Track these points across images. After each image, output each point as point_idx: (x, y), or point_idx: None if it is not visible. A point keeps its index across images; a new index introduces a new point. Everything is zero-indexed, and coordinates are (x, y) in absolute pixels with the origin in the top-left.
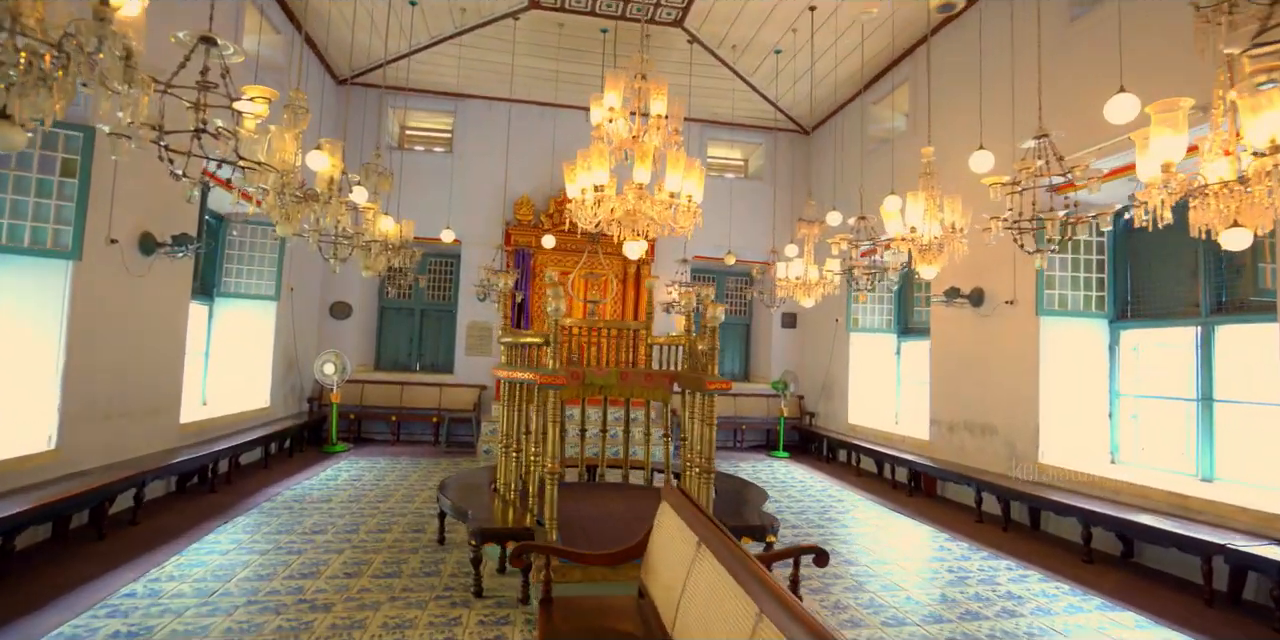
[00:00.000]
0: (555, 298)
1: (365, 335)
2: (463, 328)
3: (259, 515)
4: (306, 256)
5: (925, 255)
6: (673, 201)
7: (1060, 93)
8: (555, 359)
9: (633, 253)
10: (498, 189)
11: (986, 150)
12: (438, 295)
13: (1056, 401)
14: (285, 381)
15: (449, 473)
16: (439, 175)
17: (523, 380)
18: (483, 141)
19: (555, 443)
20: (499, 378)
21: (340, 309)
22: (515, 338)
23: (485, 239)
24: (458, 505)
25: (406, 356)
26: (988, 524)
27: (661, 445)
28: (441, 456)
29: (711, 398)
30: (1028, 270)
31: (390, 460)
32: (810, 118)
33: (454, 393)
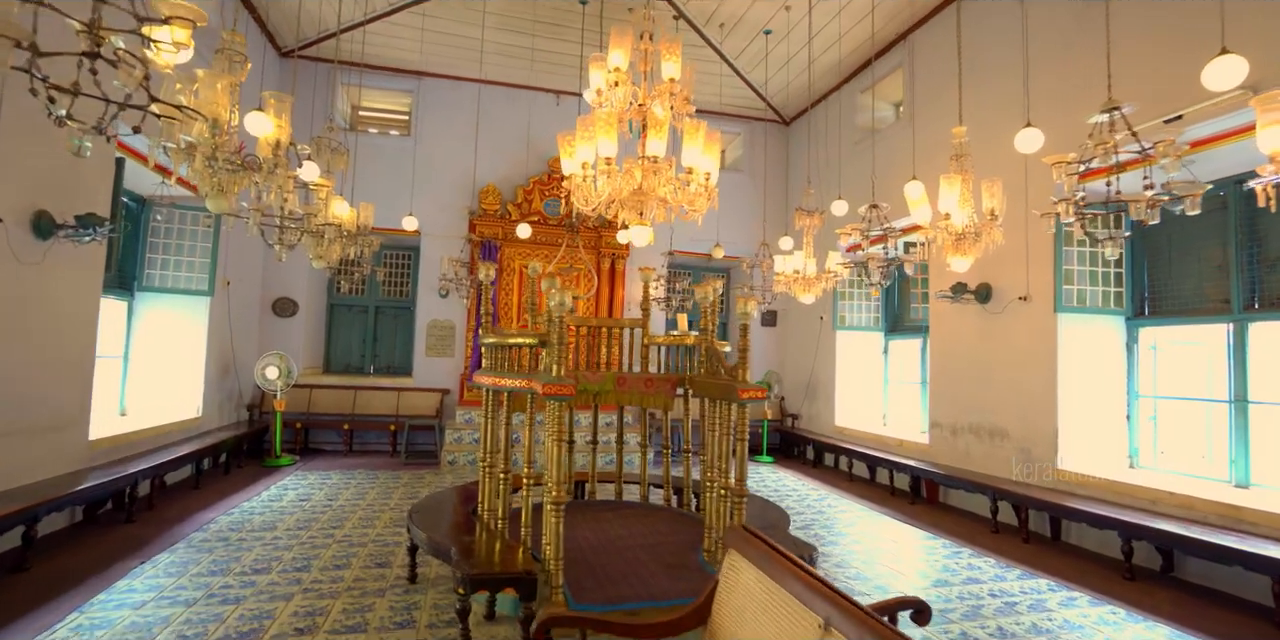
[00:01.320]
0: (559, 292)
1: (313, 335)
2: (422, 327)
3: (187, 551)
4: (245, 246)
5: (960, 245)
6: (689, 179)
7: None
8: (559, 364)
9: (639, 239)
10: (462, 177)
11: (1034, 128)
12: (394, 291)
13: (1075, 403)
14: (220, 387)
15: (411, 487)
16: (396, 160)
17: (513, 388)
18: (445, 125)
19: (561, 465)
20: (480, 385)
21: (284, 306)
22: (501, 338)
23: (447, 230)
24: (435, 540)
25: (360, 358)
26: (1005, 535)
27: (660, 458)
28: (401, 469)
29: (744, 408)
30: (1042, 264)
31: (343, 474)
32: (791, 107)
33: (413, 398)
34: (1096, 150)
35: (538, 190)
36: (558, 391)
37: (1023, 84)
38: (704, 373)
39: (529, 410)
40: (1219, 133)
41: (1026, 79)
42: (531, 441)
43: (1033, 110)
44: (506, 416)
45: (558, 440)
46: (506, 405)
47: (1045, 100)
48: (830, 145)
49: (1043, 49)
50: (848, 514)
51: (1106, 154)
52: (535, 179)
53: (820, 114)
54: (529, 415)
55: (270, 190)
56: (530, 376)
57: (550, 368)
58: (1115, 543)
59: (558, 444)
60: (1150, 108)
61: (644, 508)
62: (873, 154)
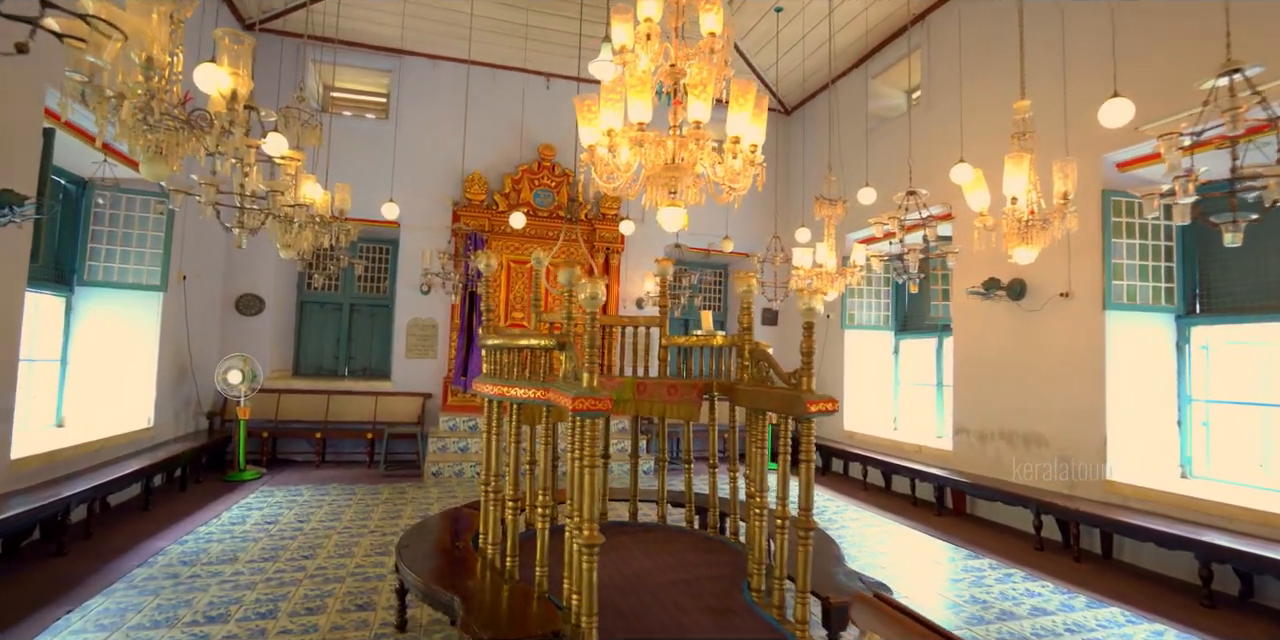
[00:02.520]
0: (590, 282)
1: (281, 335)
2: (402, 326)
3: (127, 593)
4: (204, 236)
5: (1027, 234)
6: (735, 151)
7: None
8: (591, 371)
9: (672, 223)
10: (445, 164)
11: (1123, 98)
12: (371, 287)
13: (1124, 409)
14: (176, 394)
15: (392, 504)
16: (372, 145)
17: (525, 399)
18: (427, 108)
19: (593, 497)
20: (481, 394)
21: (249, 303)
22: (508, 339)
23: (429, 221)
24: (433, 590)
25: (333, 360)
26: (1051, 553)
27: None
28: (380, 481)
29: (810, 424)
30: (1086, 258)
31: (315, 490)
32: (792, 96)
33: (393, 403)
34: (1220, 116)
35: (527, 179)
36: (592, 407)
37: (1060, 58)
38: (747, 379)
39: (544, 425)
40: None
41: (1064, 54)
42: (547, 463)
43: (1078, 87)
44: (514, 431)
45: (589, 466)
46: (514, 418)
47: (1081, 80)
48: (836, 134)
49: (1081, 20)
50: (874, 528)
51: (1235, 121)
52: (525, 168)
53: (823, 103)
54: (545, 431)
55: (226, 158)
56: (549, 386)
57: (578, 376)
58: (1178, 562)
59: (589, 470)
60: None
61: (665, 531)
62: (887, 142)
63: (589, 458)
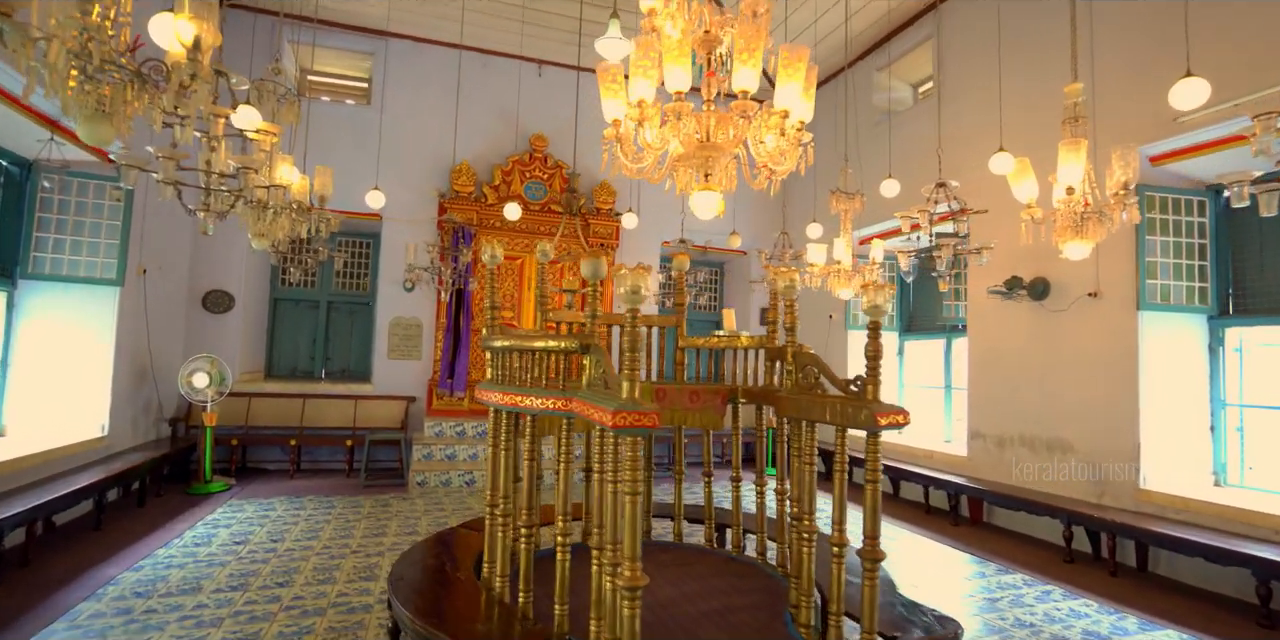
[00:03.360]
0: (632, 274)
1: (253, 334)
2: (383, 325)
3: (69, 634)
4: (167, 225)
5: (1083, 227)
6: (781, 127)
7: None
8: (633, 379)
9: (706, 209)
10: (430, 154)
11: (1198, 77)
12: (350, 284)
13: (1157, 414)
14: (134, 399)
15: (376, 519)
16: (352, 132)
17: (543, 410)
18: (412, 94)
19: (636, 530)
20: (488, 403)
21: (217, 300)
22: (520, 341)
23: (413, 214)
24: (433, 634)
25: (309, 362)
26: (1083, 565)
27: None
28: (361, 492)
29: (876, 439)
30: (1116, 256)
31: (290, 503)
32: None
33: (373, 407)
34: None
35: (518, 171)
36: (636, 422)
37: (1087, 47)
38: (791, 386)
39: (563, 440)
40: None
41: (1091, 43)
42: (567, 483)
43: (1106, 78)
44: (530, 447)
45: (630, 492)
46: (530, 432)
47: (1109, 70)
48: (852, 126)
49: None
50: (891, 539)
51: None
52: (515, 159)
53: (830, 93)
54: (564, 446)
55: (187, 123)
56: (573, 395)
57: (609, 384)
58: (1223, 576)
59: (630, 497)
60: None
61: (684, 552)
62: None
63: (630, 483)
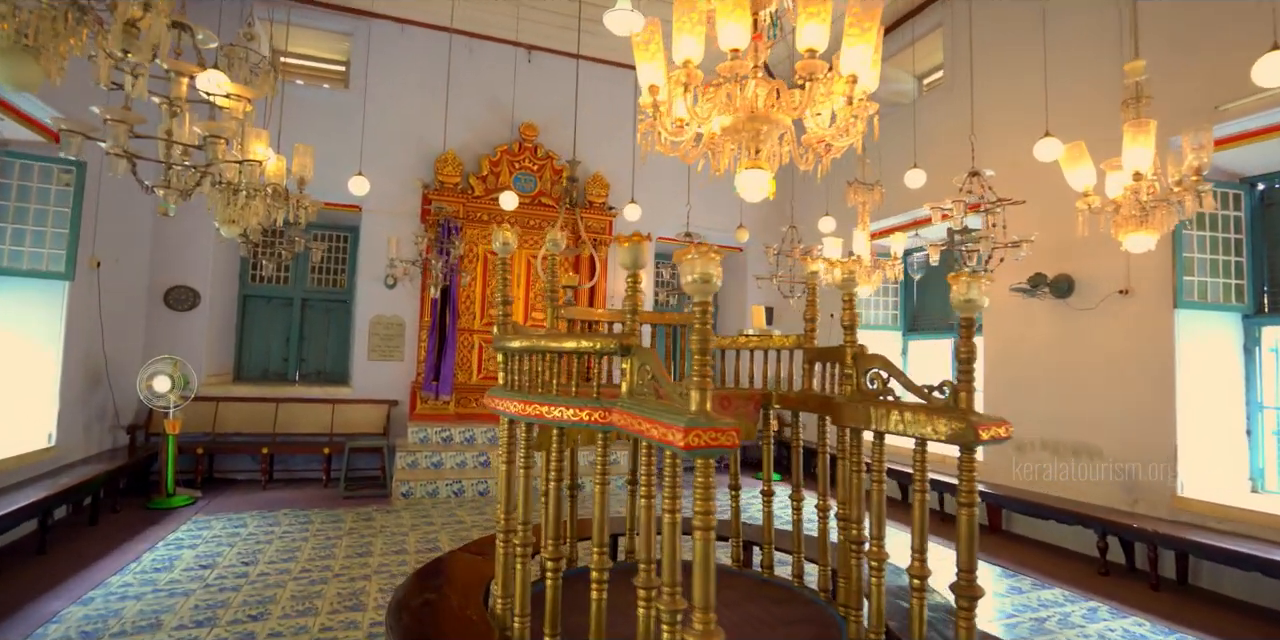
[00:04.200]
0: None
1: (220, 334)
2: (363, 323)
3: None
4: (123, 212)
5: (1150, 219)
6: (851, 93)
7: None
8: (703, 389)
9: (755, 190)
10: (415, 142)
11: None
12: (326, 279)
13: (1194, 418)
14: (87, 404)
15: (359, 536)
16: (330, 118)
17: (577, 423)
18: (394, 78)
19: (711, 577)
20: (503, 413)
21: (180, 296)
22: (539, 342)
23: (396, 205)
24: None
25: (282, 363)
26: (1118, 577)
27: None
28: (341, 505)
29: (971, 457)
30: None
31: (262, 518)
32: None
33: (353, 412)
34: None
35: (507, 162)
36: (713, 442)
37: (1117, 34)
38: (853, 392)
39: (601, 457)
40: None
41: (1120, 31)
42: (603, 510)
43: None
44: (558, 465)
45: (705, 527)
46: (559, 443)
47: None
48: None
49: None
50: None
51: None
52: (504, 149)
53: None
54: (600, 464)
55: (139, 74)
56: (623, 407)
57: (674, 395)
58: (1274, 590)
59: (704, 534)
60: None
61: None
62: (900, 128)
63: (704, 516)
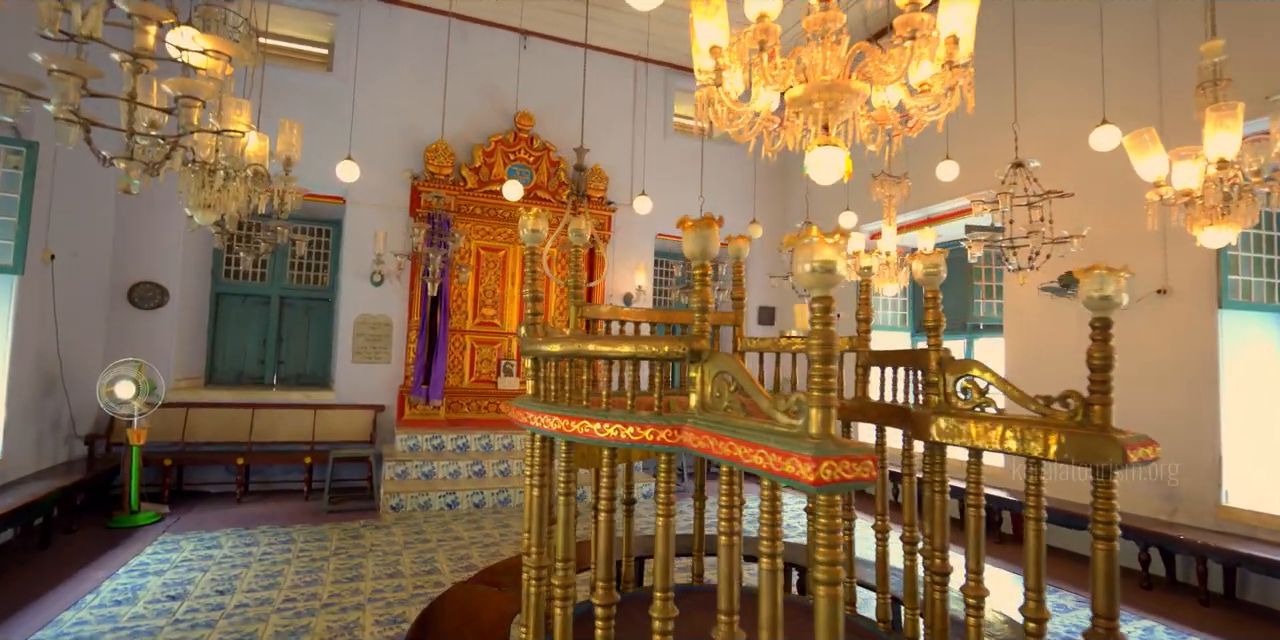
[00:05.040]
0: (834, 243)
1: (190, 334)
2: (347, 323)
3: None
4: (82, 199)
5: (1234, 211)
6: (952, 56)
7: None
8: (828, 408)
9: (829, 171)
10: (403, 130)
11: None
12: (307, 276)
13: (1240, 424)
14: (39, 412)
15: (346, 557)
16: (310, 103)
17: (637, 444)
18: (381, 62)
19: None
20: (536, 429)
21: (146, 293)
22: (580, 344)
23: (383, 197)
24: None
25: (258, 366)
26: (1161, 591)
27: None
28: (325, 520)
29: (1110, 483)
30: (1188, 248)
31: (238, 536)
32: None
33: (336, 418)
34: None
35: (501, 152)
36: (850, 475)
37: (1152, 17)
38: (939, 402)
39: (664, 480)
40: None
41: (1157, 13)
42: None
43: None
44: (608, 492)
45: (828, 580)
46: (609, 463)
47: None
48: None
49: None
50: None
51: None
52: (498, 138)
53: None
54: (665, 489)
55: (92, 6)
56: (699, 425)
57: (778, 411)
58: None
59: (826, 590)
60: None
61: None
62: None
63: (827, 568)
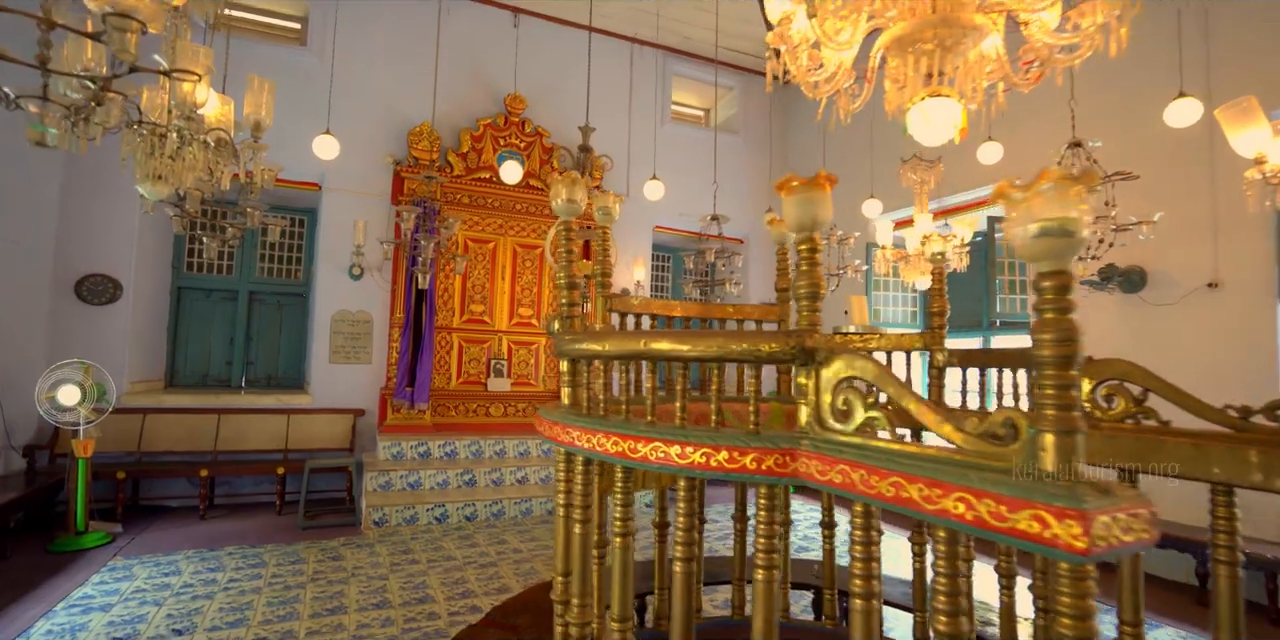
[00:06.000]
0: (1055, 194)
1: (147, 333)
2: (323, 320)
3: None
4: (18, 180)
5: None
6: None
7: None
8: (1069, 431)
9: (939, 125)
10: (384, 112)
11: None
12: (279, 269)
13: None
14: None
15: (325, 584)
16: (282, 81)
17: (732, 475)
18: (361, 38)
19: None
20: (581, 451)
21: (97, 286)
22: (639, 342)
23: (363, 183)
24: None
25: (225, 367)
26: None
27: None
28: (300, 538)
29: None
30: (1242, 238)
31: (201, 560)
32: None
33: (311, 424)
34: None
35: (490, 137)
36: (1131, 537)
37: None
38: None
39: (768, 517)
40: None
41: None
42: (771, 603)
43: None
44: (690, 532)
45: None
46: (686, 499)
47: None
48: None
49: None
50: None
51: None
52: (487, 122)
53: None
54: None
55: None
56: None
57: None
58: None
59: None
60: None
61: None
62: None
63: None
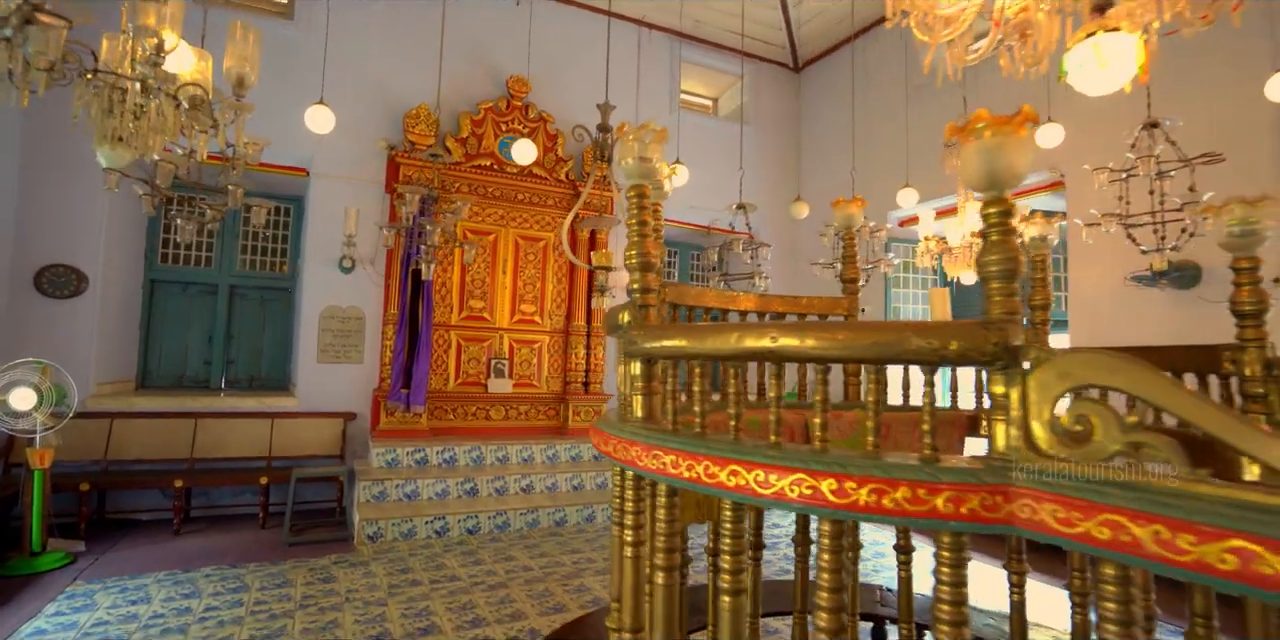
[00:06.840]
0: None
1: (117, 329)
2: (311, 316)
3: None
4: None
5: None
6: None
7: None
8: None
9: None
10: (378, 93)
11: None
12: (262, 261)
13: None
14: None
15: (316, 608)
16: (266, 56)
17: (922, 520)
18: (353, 12)
19: None
20: (691, 484)
21: (58, 278)
22: (768, 338)
23: (355, 169)
24: None
25: (203, 367)
26: None
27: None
28: (287, 557)
29: None
30: None
31: (174, 584)
32: (808, 48)
33: (298, 429)
34: None
35: (491, 121)
36: None
37: None
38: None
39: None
40: None
41: None
42: None
43: None
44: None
45: None
46: (831, 549)
47: None
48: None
49: None
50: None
51: None
52: (488, 106)
53: (845, 59)
54: (947, 591)
55: None
56: (1127, 499)
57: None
58: None
59: None
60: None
61: None
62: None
63: None
